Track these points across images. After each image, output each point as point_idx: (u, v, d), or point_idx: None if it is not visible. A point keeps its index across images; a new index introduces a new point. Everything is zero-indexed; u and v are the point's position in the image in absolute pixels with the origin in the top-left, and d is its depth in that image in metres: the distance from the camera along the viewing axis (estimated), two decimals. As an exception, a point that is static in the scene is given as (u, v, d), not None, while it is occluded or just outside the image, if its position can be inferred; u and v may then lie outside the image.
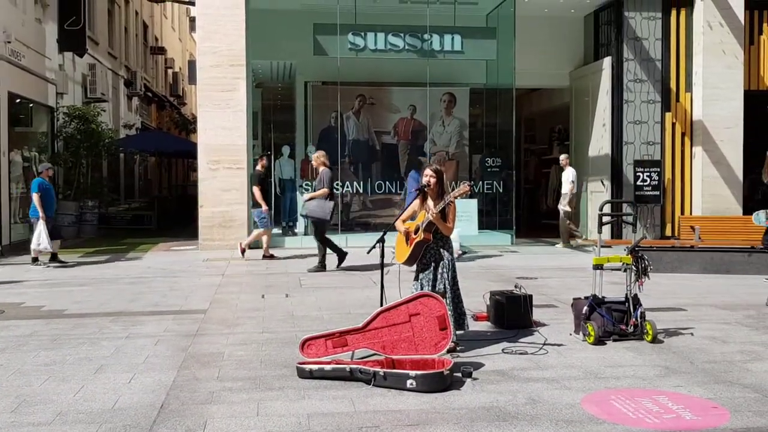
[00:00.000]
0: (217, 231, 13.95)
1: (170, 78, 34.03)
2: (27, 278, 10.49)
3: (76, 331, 6.89)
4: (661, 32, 15.43)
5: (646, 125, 15.43)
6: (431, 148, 16.80)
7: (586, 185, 16.45)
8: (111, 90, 22.46)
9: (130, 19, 25.87)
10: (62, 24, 17.53)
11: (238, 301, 8.54)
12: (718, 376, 5.38)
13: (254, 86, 16.65)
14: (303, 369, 5.28)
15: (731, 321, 7.38)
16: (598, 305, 6.46)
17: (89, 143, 17.69)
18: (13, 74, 14.65)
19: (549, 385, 5.13)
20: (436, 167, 6.21)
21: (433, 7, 15.27)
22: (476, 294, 7.93)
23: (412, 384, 4.92)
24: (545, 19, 16.24)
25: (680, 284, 9.87)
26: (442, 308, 5.52)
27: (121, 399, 4.81)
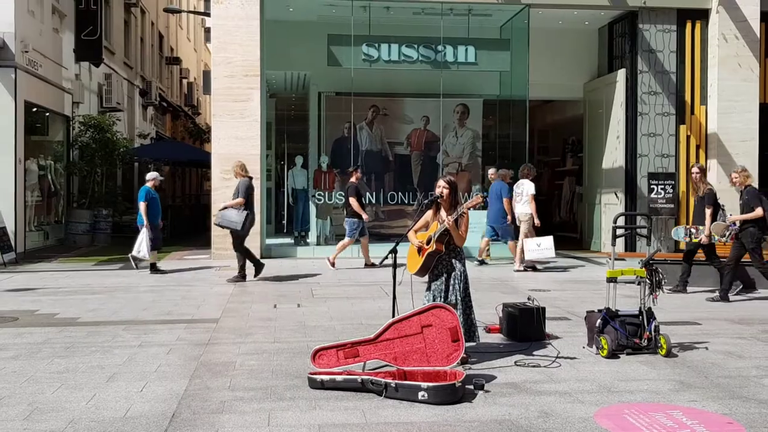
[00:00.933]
0: (230, 240, 13.93)
1: (185, 88, 34.25)
2: (41, 285, 10.56)
3: (89, 339, 6.91)
4: (675, 45, 15.38)
5: (660, 138, 15.36)
6: (444, 159, 16.80)
7: (600, 197, 16.39)
8: (126, 99, 22.64)
9: (146, 29, 26.09)
10: (79, 34, 17.71)
11: (250, 311, 8.55)
12: (733, 391, 5.32)
13: (268, 96, 16.74)
14: (314, 379, 5.27)
15: (746, 336, 7.31)
16: (611, 318, 6.41)
17: (104, 152, 17.82)
18: (30, 83, 14.80)
19: (562, 398, 5.09)
20: (449, 179, 6.22)
21: (446, 18, 15.30)
22: (489, 306, 7.90)
23: (424, 396, 4.90)
24: (559, 32, 16.24)
25: (694, 298, 9.79)
26: (454, 320, 5.50)
27: (133, 407, 4.81)
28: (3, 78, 13.87)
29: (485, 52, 15.38)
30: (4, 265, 12.73)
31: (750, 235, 9.34)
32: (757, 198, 9.33)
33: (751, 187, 9.52)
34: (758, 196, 9.36)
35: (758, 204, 9.27)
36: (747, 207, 9.36)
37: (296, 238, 16.40)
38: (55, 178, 17.27)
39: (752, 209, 9.28)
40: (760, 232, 9.37)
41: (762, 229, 9.40)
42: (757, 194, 9.40)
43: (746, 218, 9.35)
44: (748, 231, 9.34)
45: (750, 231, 9.33)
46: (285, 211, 18.57)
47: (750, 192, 9.43)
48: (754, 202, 9.29)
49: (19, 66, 14.08)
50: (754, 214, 9.25)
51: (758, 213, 9.23)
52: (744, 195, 9.47)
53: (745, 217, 9.35)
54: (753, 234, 9.33)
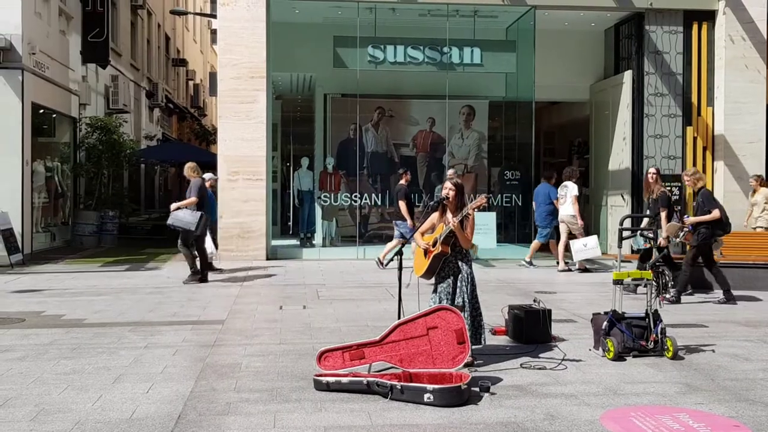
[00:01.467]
0: (236, 241, 14.00)
1: (191, 89, 34.34)
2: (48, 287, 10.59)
3: (95, 341, 6.93)
4: (682, 46, 15.35)
5: (667, 139, 15.33)
6: (450, 160, 16.79)
7: (606, 199, 16.36)
8: (133, 101, 22.71)
9: (152, 31, 26.16)
10: (86, 36, 17.78)
11: (256, 312, 8.56)
12: (740, 394, 5.30)
13: (274, 98, 16.77)
14: (320, 381, 5.27)
15: (753, 338, 7.28)
16: (617, 321, 6.39)
17: (111, 154, 17.87)
18: (37, 85, 14.86)
19: (568, 401, 5.08)
20: (456, 180, 6.22)
21: (452, 20, 15.30)
22: (495, 308, 7.89)
23: (430, 398, 4.90)
24: (565, 33, 16.22)
25: (701, 300, 9.75)
26: (460, 322, 5.50)
27: (139, 409, 4.82)
28: (10, 80, 13.92)
29: (491, 54, 15.38)
30: (11, 266, 12.77)
31: (700, 234, 9.40)
32: (712, 200, 9.42)
33: (705, 190, 9.56)
34: (713, 199, 9.46)
35: (714, 206, 9.34)
36: (701, 209, 9.41)
37: (302, 239, 16.41)
38: (61, 179, 17.33)
39: (707, 211, 9.32)
40: (711, 233, 9.40)
41: (715, 231, 9.44)
42: (712, 196, 9.49)
43: (704, 220, 9.38)
44: (700, 231, 9.40)
45: (701, 232, 9.38)
46: (291, 212, 18.59)
47: (704, 194, 9.48)
48: (710, 205, 9.35)
49: (26, 68, 14.13)
50: (711, 217, 9.29)
51: (715, 215, 9.29)
52: (698, 197, 9.51)
53: (703, 218, 9.38)
54: (703, 234, 9.38)
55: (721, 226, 9.44)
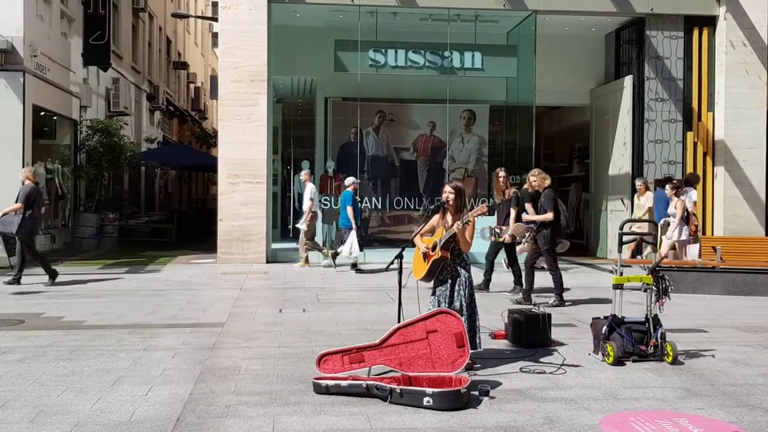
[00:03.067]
0: (236, 245, 14.00)
1: (192, 92, 34.36)
2: (48, 289, 10.57)
3: (94, 343, 6.93)
4: (682, 51, 15.37)
5: (667, 144, 15.34)
6: (450, 164, 16.79)
7: (606, 204, 16.36)
8: (134, 104, 22.72)
9: (153, 34, 26.19)
10: (87, 38, 17.80)
11: (255, 315, 8.55)
12: (740, 399, 5.29)
13: (275, 101, 16.78)
14: (319, 384, 5.27)
15: (753, 343, 7.28)
16: (617, 325, 6.39)
17: (111, 156, 17.88)
18: (39, 87, 14.87)
19: (567, 405, 5.07)
20: (455, 184, 6.22)
21: (453, 24, 15.32)
22: (495, 312, 7.89)
23: (429, 402, 4.89)
24: (566, 38, 16.24)
25: (701, 305, 9.75)
26: (459, 325, 5.49)
27: (138, 411, 4.82)
28: (11, 82, 13.94)
29: (492, 58, 15.40)
30: (11, 268, 12.75)
31: (543, 237, 9.40)
32: (552, 202, 9.40)
33: (548, 191, 9.52)
34: (553, 200, 9.43)
35: (551, 208, 9.34)
36: (542, 210, 9.43)
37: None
38: (62, 181, 17.33)
39: (546, 211, 9.35)
40: (554, 234, 9.44)
41: (555, 231, 9.47)
42: (553, 198, 9.45)
43: (536, 219, 9.42)
44: (542, 233, 9.40)
45: (544, 233, 9.40)
46: (291, 215, 18.59)
47: (546, 195, 9.47)
48: (548, 206, 9.35)
49: (27, 70, 14.14)
50: (543, 217, 9.33)
51: (548, 216, 9.31)
52: (542, 197, 9.51)
53: (536, 218, 9.42)
54: (546, 236, 9.38)
55: (558, 229, 9.51)
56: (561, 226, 9.53)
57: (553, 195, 9.51)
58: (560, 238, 9.67)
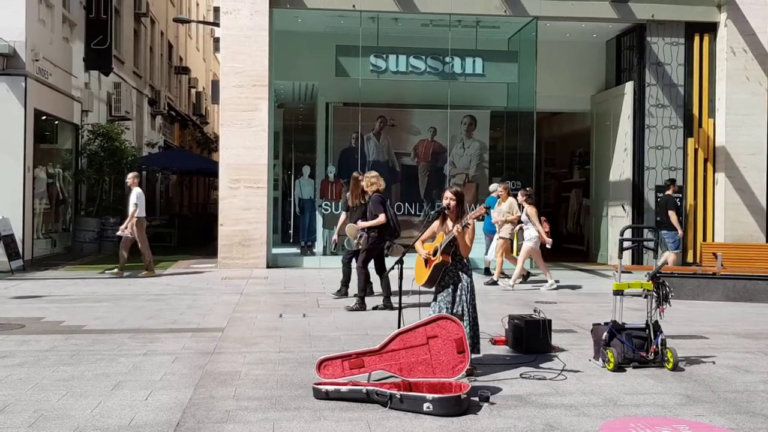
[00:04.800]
0: (237, 249, 14.00)
1: (193, 97, 34.39)
2: (48, 293, 10.58)
3: (94, 347, 6.92)
4: (683, 58, 15.39)
5: (668, 150, 15.35)
6: (451, 170, 16.80)
7: (607, 210, 16.36)
8: (135, 108, 22.74)
9: (155, 39, 26.23)
10: (89, 43, 17.82)
11: (255, 320, 8.55)
12: (741, 405, 5.29)
13: (276, 106, 16.80)
14: (319, 390, 5.26)
15: (754, 350, 7.27)
16: (618, 331, 6.38)
17: (112, 161, 17.89)
18: (40, 92, 14.89)
19: (567, 411, 5.06)
20: (456, 189, 6.22)
21: (454, 30, 15.35)
22: (495, 317, 7.88)
23: (429, 407, 4.89)
24: (567, 44, 16.27)
25: (702, 312, 9.75)
26: (459, 331, 5.49)
27: (138, 416, 4.81)
28: (13, 86, 13.96)
29: (493, 64, 15.43)
30: (12, 272, 12.77)
31: (368, 238, 9.49)
32: (381, 205, 9.45)
33: (376, 195, 9.57)
34: (382, 203, 9.48)
35: (381, 210, 9.41)
36: (371, 214, 9.49)
37: (302, 248, 16.41)
38: (63, 186, 17.35)
39: (376, 216, 9.40)
40: (379, 237, 9.49)
41: (384, 235, 9.54)
42: (382, 202, 9.50)
43: (371, 224, 9.45)
44: (369, 235, 9.48)
45: (371, 236, 9.47)
46: (291, 220, 18.59)
47: (374, 199, 9.53)
48: (377, 210, 9.42)
49: (29, 74, 14.16)
50: (377, 221, 9.39)
51: (381, 220, 9.39)
52: (370, 202, 9.58)
53: (370, 223, 9.45)
54: (373, 238, 9.47)
55: (389, 232, 9.58)
56: (392, 228, 9.61)
57: (382, 198, 9.56)
58: (391, 241, 9.80)
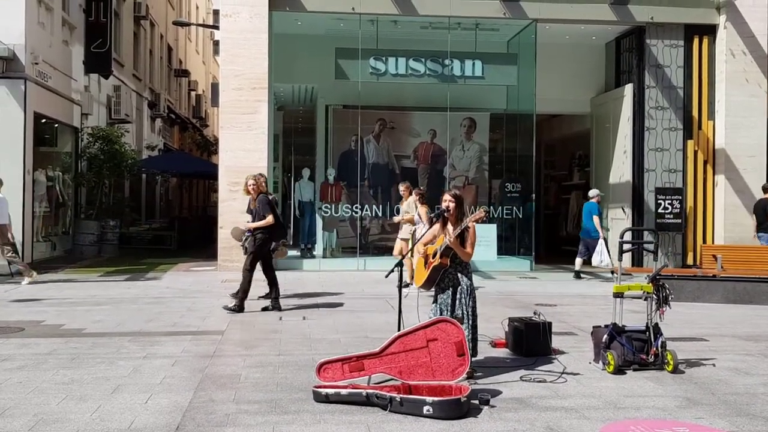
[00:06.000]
0: (236, 252, 13.89)
1: (193, 100, 34.41)
2: (48, 296, 10.57)
3: (94, 351, 6.92)
4: (683, 60, 15.39)
5: (667, 153, 15.35)
6: (451, 172, 16.81)
7: (607, 212, 16.35)
8: (135, 111, 22.75)
9: (155, 42, 26.25)
10: (89, 46, 17.84)
11: (255, 323, 8.54)
12: (741, 408, 5.28)
13: (276, 109, 16.80)
14: (319, 393, 5.26)
15: (754, 352, 7.26)
16: (618, 334, 6.38)
17: (112, 164, 17.89)
18: (40, 95, 14.89)
19: (568, 414, 5.06)
20: (455, 192, 6.22)
21: (454, 32, 15.37)
22: (495, 320, 7.88)
23: (429, 410, 4.88)
24: (566, 46, 16.28)
25: (702, 314, 9.74)
26: (460, 334, 5.48)
27: (138, 419, 4.81)
28: (13, 89, 13.96)
29: (492, 66, 15.44)
30: (11, 275, 12.76)
31: (254, 239, 9.43)
32: (268, 206, 9.41)
33: (262, 196, 9.53)
34: (269, 204, 9.44)
35: (268, 211, 9.37)
36: (259, 215, 9.45)
37: (302, 250, 16.40)
38: (63, 189, 17.34)
39: (264, 217, 9.35)
40: (268, 238, 9.45)
41: (272, 236, 9.50)
42: (268, 202, 9.46)
43: (259, 225, 9.39)
44: (255, 236, 9.43)
45: (257, 237, 9.42)
46: (291, 223, 18.59)
47: (261, 200, 9.47)
48: (264, 211, 9.37)
49: (29, 78, 14.17)
50: (265, 222, 9.34)
51: (269, 221, 9.34)
52: (256, 203, 9.51)
53: (258, 224, 9.40)
54: (257, 239, 9.41)
55: (278, 232, 9.57)
56: (279, 229, 9.62)
57: (268, 199, 9.53)
58: (278, 243, 9.74)
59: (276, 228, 9.52)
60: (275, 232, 9.56)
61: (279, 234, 9.69)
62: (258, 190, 9.60)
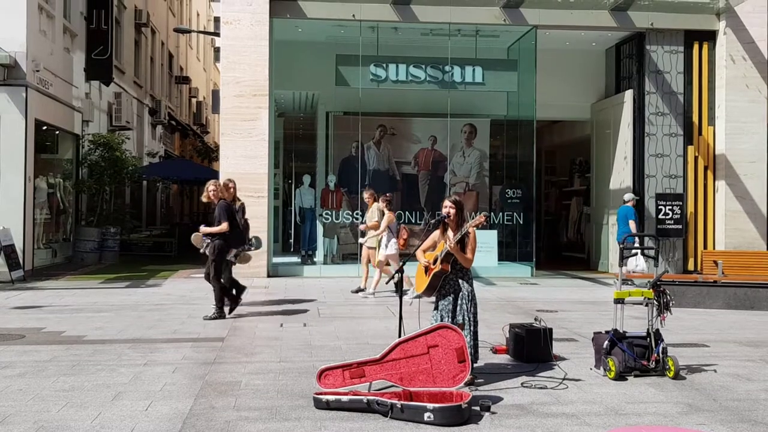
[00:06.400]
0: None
1: (194, 107, 34.46)
2: (48, 303, 10.57)
3: (95, 358, 6.91)
4: (683, 65, 15.42)
5: (668, 158, 15.35)
6: (451, 178, 16.81)
7: (608, 218, 16.35)
8: (136, 118, 22.78)
9: (156, 49, 26.31)
10: (90, 53, 17.88)
11: (256, 330, 8.54)
12: (742, 414, 5.27)
13: (276, 116, 16.83)
14: (320, 400, 5.25)
15: (755, 358, 7.25)
16: (619, 340, 6.37)
17: (113, 170, 17.90)
18: (41, 102, 14.92)
19: (569, 420, 5.05)
20: (455, 198, 6.22)
21: (454, 39, 15.40)
22: (496, 326, 7.87)
23: (430, 417, 4.87)
24: (566, 52, 16.30)
25: (703, 320, 9.73)
26: (460, 340, 5.48)
27: (138, 426, 4.80)
28: (14, 97, 13.97)
29: (493, 73, 15.47)
30: (12, 282, 12.76)
31: (213, 247, 9.34)
32: (225, 212, 9.32)
33: (222, 201, 9.44)
34: (226, 211, 9.35)
35: (225, 218, 9.28)
36: (216, 221, 9.38)
37: (303, 257, 16.40)
38: (63, 196, 17.35)
39: (220, 223, 9.28)
40: (226, 245, 9.38)
41: (229, 243, 9.43)
42: (226, 209, 9.37)
43: (212, 231, 9.32)
44: (214, 244, 9.35)
45: (215, 244, 9.34)
46: (292, 229, 18.59)
47: (220, 206, 9.37)
48: (222, 217, 9.28)
49: (30, 85, 14.19)
50: (218, 229, 9.25)
51: (223, 227, 9.25)
52: (216, 209, 9.42)
53: (212, 230, 9.34)
54: (215, 246, 9.32)
55: (234, 239, 9.48)
56: (239, 236, 9.56)
57: (226, 205, 9.44)
58: (238, 249, 9.68)
59: (232, 235, 9.40)
60: (232, 239, 9.45)
61: (236, 241, 9.56)
62: (218, 196, 9.49)
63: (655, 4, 14.92)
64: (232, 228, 9.37)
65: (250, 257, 10.18)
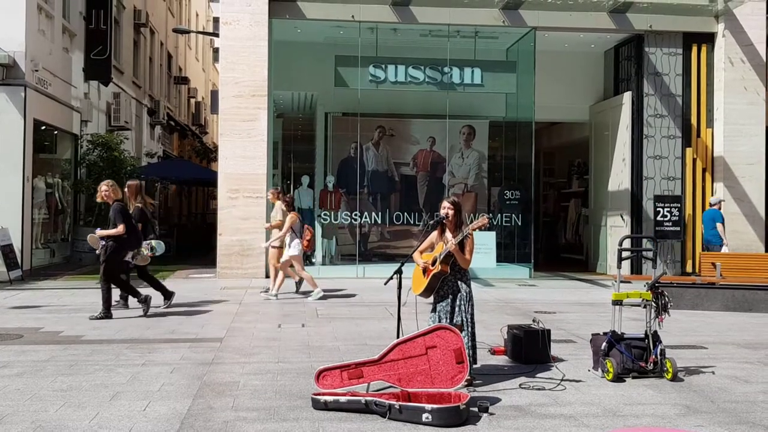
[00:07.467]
0: (236, 259, 13.99)
1: (193, 107, 34.44)
2: (46, 303, 10.56)
3: (93, 358, 6.91)
4: (681, 68, 15.44)
5: (666, 160, 15.37)
6: (450, 179, 16.82)
7: (606, 220, 16.37)
8: (134, 118, 22.77)
9: (155, 49, 26.30)
10: (88, 53, 17.87)
11: (254, 330, 8.53)
12: (740, 416, 5.28)
13: (275, 116, 16.82)
14: (318, 400, 5.25)
15: (753, 360, 7.26)
16: (617, 341, 6.38)
17: (111, 170, 17.86)
18: (40, 102, 14.91)
19: (567, 421, 5.05)
20: (453, 199, 6.22)
21: (453, 40, 15.41)
22: (494, 327, 7.87)
23: (428, 418, 4.87)
24: (565, 54, 16.32)
25: (701, 321, 9.74)
26: (458, 341, 5.48)
27: (136, 427, 4.80)
28: (13, 96, 13.97)
29: (491, 74, 15.47)
30: (10, 282, 12.75)
31: (106, 248, 9.35)
32: (120, 214, 9.31)
33: (117, 203, 9.43)
34: (122, 213, 9.34)
35: (121, 221, 9.26)
36: (111, 223, 9.37)
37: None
38: (62, 196, 17.34)
39: (116, 225, 9.26)
40: (120, 247, 9.37)
41: (124, 245, 9.41)
42: (121, 210, 9.35)
43: (109, 234, 9.30)
44: (106, 245, 9.35)
45: (107, 245, 9.33)
46: (291, 230, 18.55)
47: (115, 208, 9.36)
48: (118, 220, 9.27)
49: (28, 85, 14.19)
50: (115, 231, 9.23)
51: (120, 230, 9.24)
52: (111, 211, 9.42)
53: (109, 232, 9.31)
54: (108, 248, 9.32)
55: (129, 242, 9.47)
56: (135, 238, 9.54)
57: (122, 207, 9.44)
58: (133, 251, 9.68)
59: (129, 237, 9.37)
60: (127, 242, 9.42)
61: (131, 243, 9.53)
62: (113, 197, 9.46)
63: (654, 6, 14.94)
64: (129, 230, 9.35)
65: (148, 258, 10.15)
